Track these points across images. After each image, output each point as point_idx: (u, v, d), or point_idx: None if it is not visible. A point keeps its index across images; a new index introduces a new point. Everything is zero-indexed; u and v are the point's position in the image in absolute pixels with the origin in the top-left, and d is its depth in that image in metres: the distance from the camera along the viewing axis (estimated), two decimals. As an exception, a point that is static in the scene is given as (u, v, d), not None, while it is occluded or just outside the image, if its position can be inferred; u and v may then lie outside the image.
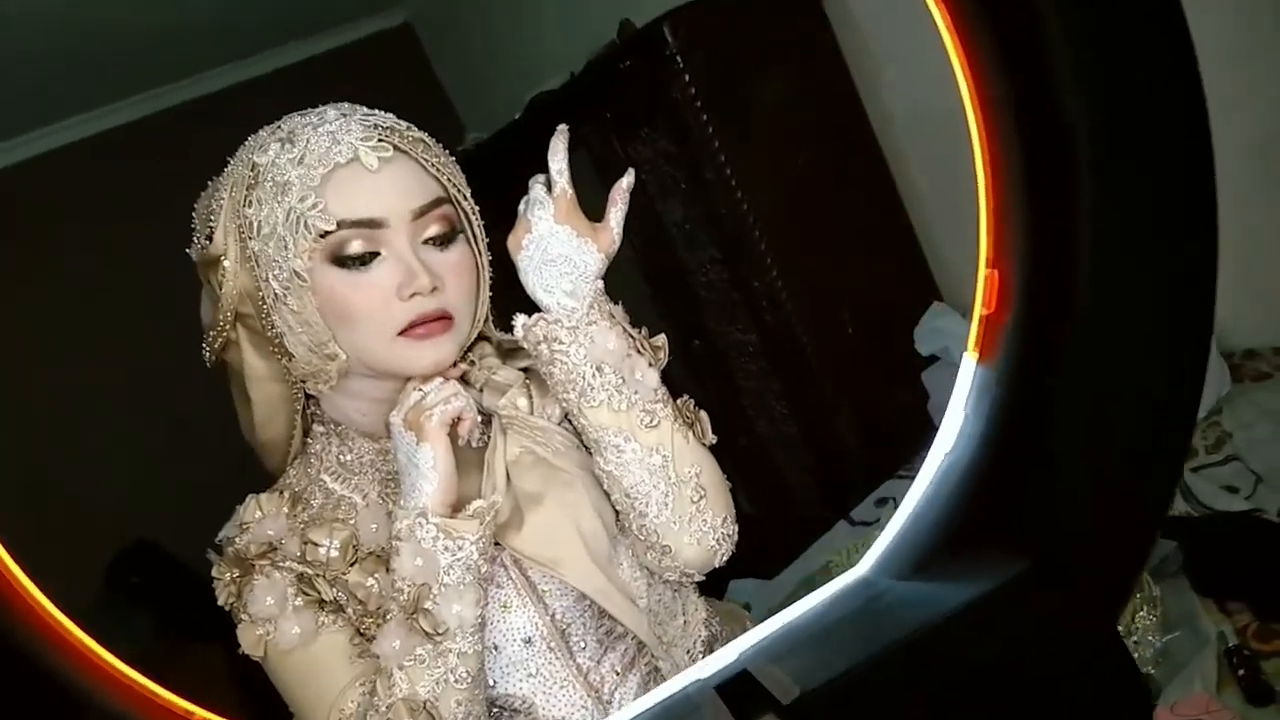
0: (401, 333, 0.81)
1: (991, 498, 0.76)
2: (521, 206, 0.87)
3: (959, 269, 2.15)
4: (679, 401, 0.89)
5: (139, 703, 0.66)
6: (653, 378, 0.86)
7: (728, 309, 2.10)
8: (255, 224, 0.80)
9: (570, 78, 2.37)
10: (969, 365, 0.82)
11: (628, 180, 0.88)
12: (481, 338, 0.95)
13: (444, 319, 0.83)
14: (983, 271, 0.76)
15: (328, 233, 0.78)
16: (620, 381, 0.84)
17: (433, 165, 0.83)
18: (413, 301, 0.81)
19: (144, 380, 3.17)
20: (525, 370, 0.93)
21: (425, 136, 0.85)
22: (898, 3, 1.97)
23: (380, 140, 0.80)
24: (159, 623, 2.99)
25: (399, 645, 0.78)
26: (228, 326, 0.87)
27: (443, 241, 0.84)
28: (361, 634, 0.84)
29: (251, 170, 0.81)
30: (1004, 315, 0.76)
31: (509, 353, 0.96)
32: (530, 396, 0.92)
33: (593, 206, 0.90)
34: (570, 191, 0.85)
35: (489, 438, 0.90)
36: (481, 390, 0.91)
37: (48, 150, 3.10)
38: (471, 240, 0.87)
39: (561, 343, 0.83)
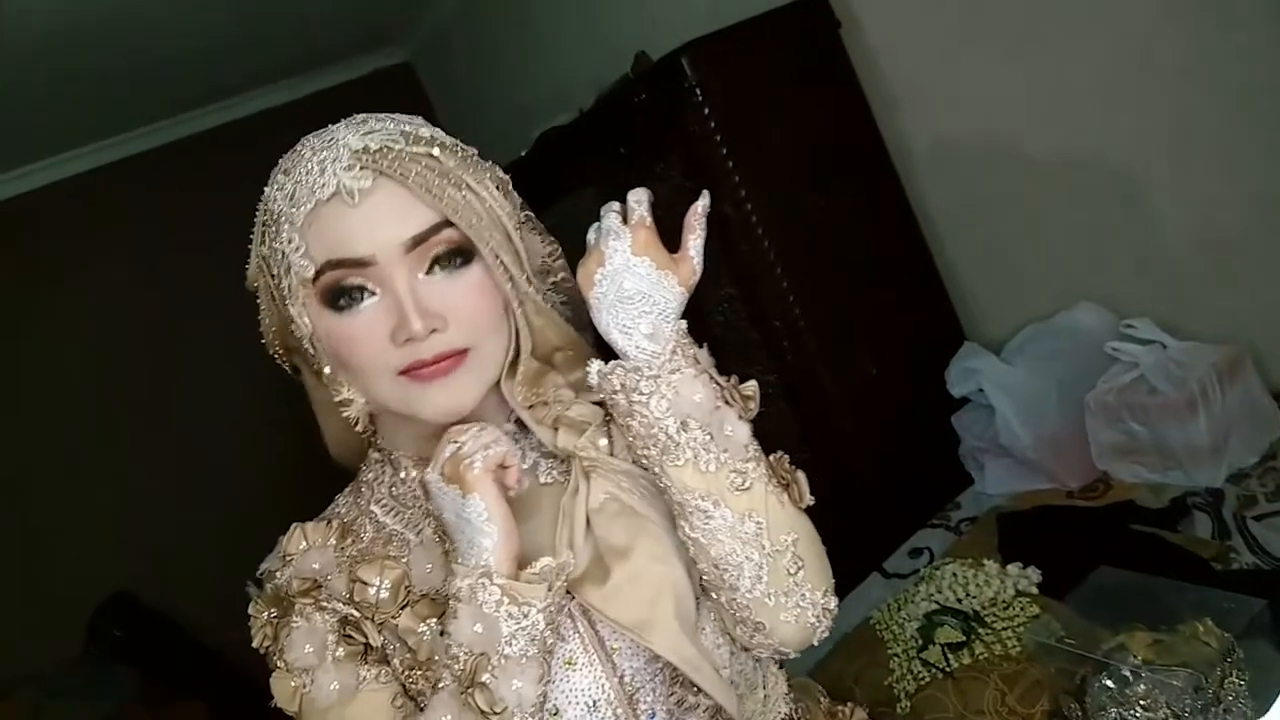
0: (403, 372, 0.74)
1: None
2: (591, 236, 0.79)
3: (985, 307, 2.08)
4: (772, 458, 0.80)
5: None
6: (744, 432, 0.77)
7: (747, 348, 2.02)
8: (269, 261, 0.75)
9: (579, 113, 2.32)
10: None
11: (703, 203, 0.80)
12: (549, 366, 0.85)
13: (455, 358, 0.74)
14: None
15: (314, 278, 0.72)
16: (708, 438, 0.75)
17: (430, 190, 0.72)
18: (407, 347, 0.73)
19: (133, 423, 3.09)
20: (603, 404, 0.83)
21: (435, 149, 0.75)
22: (916, 37, 1.93)
23: (362, 167, 0.70)
24: (143, 677, 2.88)
25: None
26: (279, 357, 0.82)
27: (454, 265, 0.75)
28: (406, 689, 0.75)
29: (263, 204, 0.76)
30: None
31: (583, 383, 0.85)
32: (610, 435, 0.83)
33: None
34: (650, 220, 0.77)
35: (566, 475, 0.81)
36: (556, 430, 0.82)
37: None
38: (490, 265, 0.77)
39: (641, 393, 0.74)
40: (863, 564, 1.81)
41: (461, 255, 0.75)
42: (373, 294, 0.73)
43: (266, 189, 0.76)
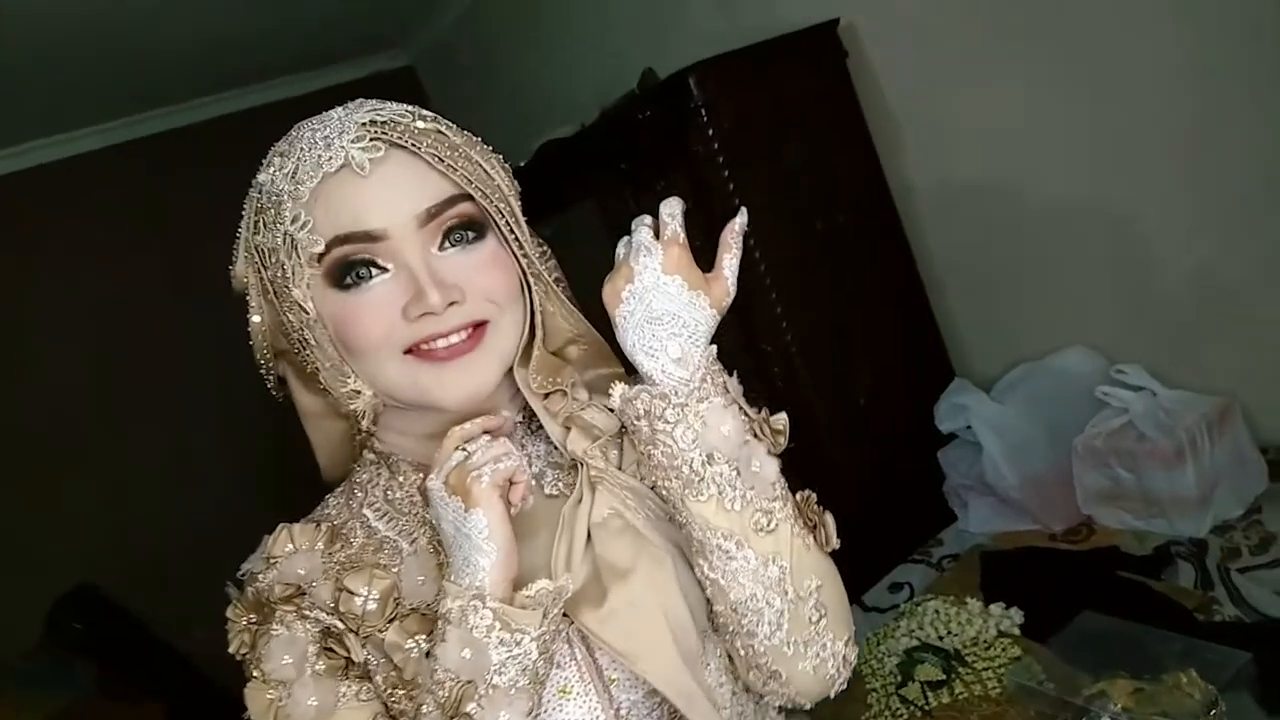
0: (411, 350, 0.70)
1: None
2: (620, 250, 0.75)
3: (977, 344, 2.08)
4: (799, 497, 0.76)
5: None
6: (772, 469, 0.73)
7: (736, 372, 2.01)
8: (265, 251, 0.71)
9: (581, 127, 2.32)
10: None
11: (741, 220, 0.76)
12: (563, 360, 0.81)
13: (473, 333, 0.71)
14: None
15: (322, 255, 0.67)
16: (734, 474, 0.70)
17: (443, 159, 0.69)
18: (422, 322, 0.69)
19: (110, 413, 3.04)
20: None
21: (441, 126, 0.72)
22: (922, 73, 1.94)
23: (372, 139, 0.68)
24: (99, 673, 2.81)
25: None
26: (270, 363, 0.77)
27: (467, 240, 0.71)
28: (388, 708, 0.71)
29: (258, 191, 0.72)
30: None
31: (600, 386, 0.82)
32: (623, 448, 0.79)
33: (597, 253, 0.79)
34: (683, 236, 0.72)
35: (572, 488, 0.76)
36: (567, 429, 0.78)
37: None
38: (506, 241, 0.74)
39: (667, 421, 0.70)
40: (843, 596, 1.80)
41: (474, 229, 0.72)
42: (383, 270, 0.69)
43: (260, 175, 0.72)
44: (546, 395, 0.80)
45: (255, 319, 0.75)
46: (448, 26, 3.35)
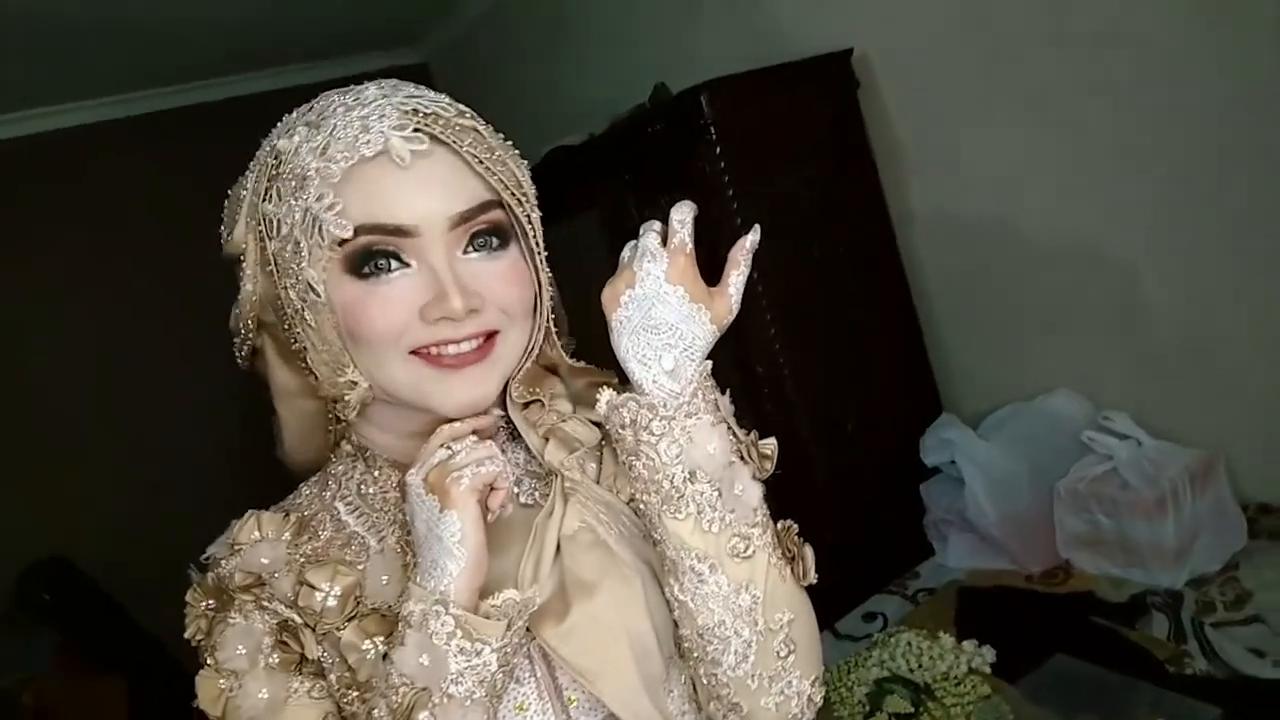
0: (417, 352, 0.68)
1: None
2: (625, 254, 0.73)
3: (967, 381, 2.09)
4: (780, 526, 0.74)
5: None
6: (755, 494, 0.71)
7: (725, 392, 2.02)
8: (274, 221, 0.68)
9: (590, 136, 2.32)
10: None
11: (753, 239, 0.74)
12: (551, 373, 0.80)
13: (484, 344, 0.69)
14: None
15: (345, 240, 0.65)
16: (715, 495, 0.68)
17: (482, 161, 0.68)
18: (439, 325, 0.67)
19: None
20: (602, 426, 0.77)
21: (479, 124, 0.70)
22: (930, 111, 1.95)
23: (416, 129, 0.66)
24: (62, 644, 2.78)
25: None
26: (251, 333, 0.74)
27: (491, 247, 0.70)
28: (340, 708, 0.69)
29: (274, 158, 0.69)
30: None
31: (585, 397, 0.80)
32: (601, 462, 0.78)
33: (595, 264, 0.78)
34: (691, 245, 0.70)
35: (546, 499, 0.74)
36: (546, 439, 0.77)
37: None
38: (526, 252, 0.73)
39: (652, 433, 0.68)
40: (817, 622, 1.79)
41: (500, 236, 0.70)
42: (405, 265, 0.67)
43: (278, 140, 0.69)
44: (526, 405, 0.79)
45: (248, 287, 0.72)
46: (465, 26, 3.36)
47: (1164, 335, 1.69)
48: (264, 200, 0.68)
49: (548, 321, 0.76)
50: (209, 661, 0.70)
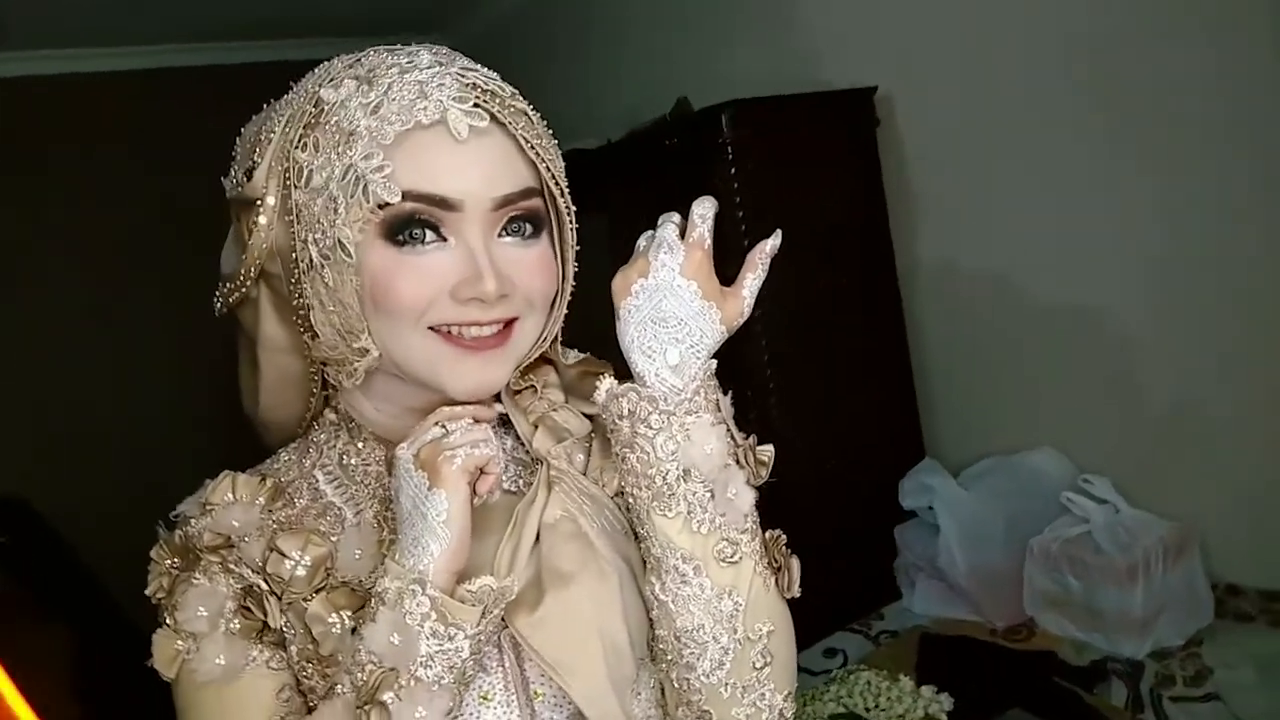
0: (434, 328, 0.66)
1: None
2: (642, 243, 0.72)
3: (952, 429, 2.09)
4: (768, 535, 0.73)
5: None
6: (747, 499, 0.70)
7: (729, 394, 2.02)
8: (306, 171, 0.65)
9: (607, 142, 2.32)
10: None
11: (773, 243, 0.73)
12: (546, 361, 0.80)
13: (503, 330, 0.68)
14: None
15: (388, 204, 0.63)
16: (708, 496, 0.67)
17: (533, 147, 0.67)
18: (468, 306, 0.66)
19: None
20: (594, 419, 0.77)
21: (529, 108, 0.69)
22: (945, 159, 1.97)
23: (476, 104, 0.64)
24: (14, 591, 2.73)
25: None
26: (249, 282, 0.71)
27: (524, 235, 0.69)
28: (299, 681, 0.68)
29: (315, 105, 0.66)
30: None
31: (578, 388, 0.79)
32: (589, 454, 0.76)
33: (599, 269, 0.78)
34: (709, 241, 0.70)
35: (530, 487, 0.73)
36: (536, 427, 0.76)
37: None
38: (558, 243, 0.73)
39: (650, 427, 0.66)
40: (776, 651, 1.79)
41: (534, 225, 0.69)
42: (442, 239, 0.65)
43: (322, 90, 0.66)
44: (518, 391, 0.79)
45: (260, 235, 0.69)
46: (498, 19, 3.37)
47: (1151, 407, 1.70)
48: (297, 147, 0.66)
49: (564, 315, 0.75)
50: (168, 621, 0.68)
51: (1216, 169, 1.53)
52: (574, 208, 0.73)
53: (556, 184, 0.70)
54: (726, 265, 0.76)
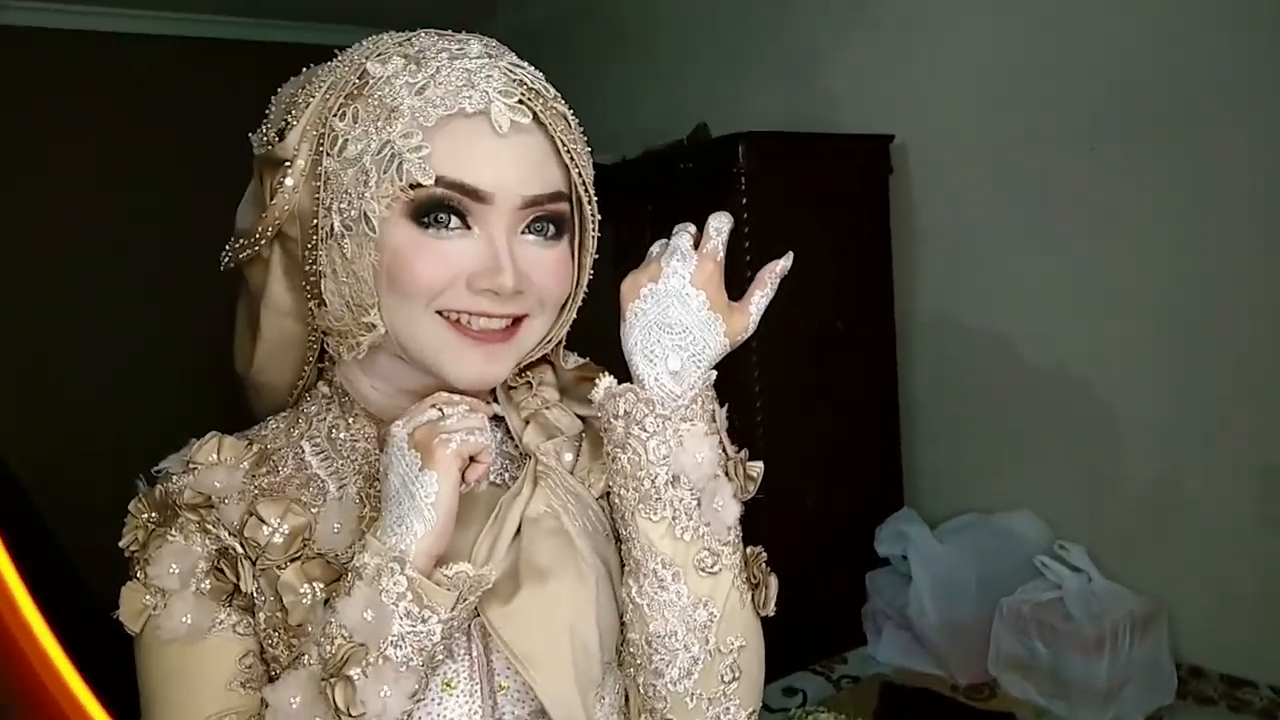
0: (443, 314, 0.67)
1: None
2: (654, 249, 0.73)
3: (933, 482, 2.09)
4: (750, 551, 0.73)
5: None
6: (733, 512, 0.70)
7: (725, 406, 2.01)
8: (341, 140, 0.66)
9: (623, 159, 2.33)
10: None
11: (784, 263, 0.74)
12: (545, 362, 0.80)
13: (511, 326, 0.69)
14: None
15: (420, 185, 0.64)
16: (694, 504, 0.68)
17: (570, 151, 0.68)
18: (482, 296, 0.67)
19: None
20: (586, 421, 0.78)
21: (569, 113, 0.70)
22: (955, 214, 1.98)
23: (521, 100, 0.66)
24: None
25: (296, 705, 0.61)
26: (264, 241, 0.72)
27: (547, 235, 0.70)
28: (263, 650, 0.67)
29: (359, 77, 0.67)
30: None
31: (573, 389, 0.80)
32: (579, 454, 0.77)
33: (602, 280, 0.78)
34: (722, 254, 0.71)
35: (515, 481, 0.73)
36: (527, 422, 0.76)
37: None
38: (577, 249, 0.73)
39: (644, 429, 0.67)
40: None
41: (556, 227, 0.70)
42: (467, 228, 0.66)
43: (369, 63, 0.67)
44: (513, 387, 0.79)
45: (285, 196, 0.69)
46: (531, 23, 3.38)
47: (1133, 481, 1.71)
48: (335, 115, 0.67)
49: (572, 319, 0.76)
50: (138, 575, 0.68)
51: (1216, 253, 1.54)
52: (599, 217, 0.73)
53: (586, 190, 0.71)
54: (728, 290, 0.77)
